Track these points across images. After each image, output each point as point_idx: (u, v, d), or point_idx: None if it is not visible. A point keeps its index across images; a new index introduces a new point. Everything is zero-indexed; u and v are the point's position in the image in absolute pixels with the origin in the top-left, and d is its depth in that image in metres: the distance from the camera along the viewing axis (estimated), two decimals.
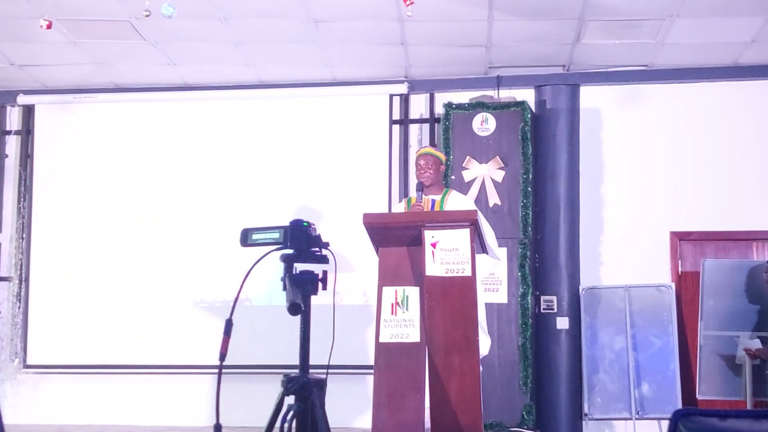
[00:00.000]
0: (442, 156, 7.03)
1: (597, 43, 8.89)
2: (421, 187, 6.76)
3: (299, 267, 4.30)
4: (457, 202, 6.78)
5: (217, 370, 3.89)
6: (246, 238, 4.36)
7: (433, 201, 6.78)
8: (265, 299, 9.35)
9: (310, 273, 4.28)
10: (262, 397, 5.54)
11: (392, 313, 5.44)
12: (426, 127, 9.81)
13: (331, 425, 4.20)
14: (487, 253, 6.19)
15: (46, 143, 10.12)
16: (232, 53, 9.20)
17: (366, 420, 5.69)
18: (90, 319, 9.71)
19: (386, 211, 9.14)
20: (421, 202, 6.65)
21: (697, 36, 8.70)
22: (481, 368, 6.34)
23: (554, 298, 9.07)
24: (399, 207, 7.37)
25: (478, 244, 5.68)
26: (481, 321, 6.50)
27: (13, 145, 10.30)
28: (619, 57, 9.29)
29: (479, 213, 6.73)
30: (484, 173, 9.05)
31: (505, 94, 9.49)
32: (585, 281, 9.21)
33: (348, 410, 8.52)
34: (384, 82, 9.78)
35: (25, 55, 9.33)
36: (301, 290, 4.19)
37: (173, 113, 10.01)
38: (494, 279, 8.71)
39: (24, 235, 9.98)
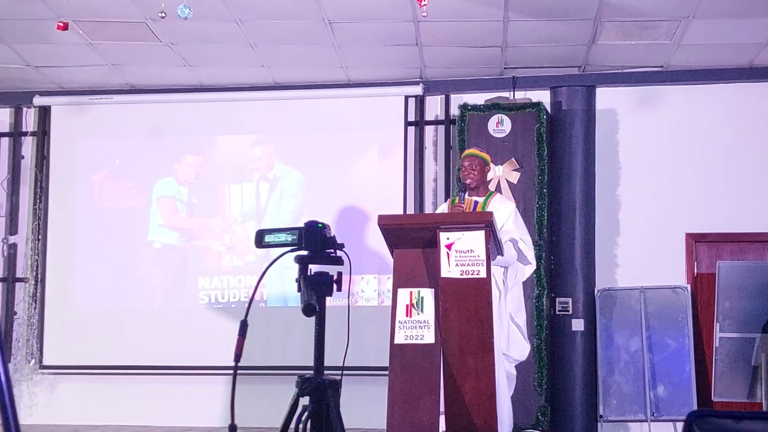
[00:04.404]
0: (488, 157, 6.95)
1: (613, 44, 8.87)
2: (464, 189, 6.72)
3: (314, 268, 4.29)
4: (498, 205, 6.63)
5: (232, 371, 3.89)
6: (261, 239, 4.35)
7: (476, 203, 6.65)
8: (279, 301, 9.36)
9: (325, 274, 4.27)
10: (277, 398, 5.54)
11: (407, 315, 5.45)
12: (441, 128, 9.80)
13: (345, 426, 4.19)
14: (502, 255, 6.16)
15: (62, 144, 10.14)
16: (248, 55, 9.21)
17: (381, 421, 5.69)
18: (105, 320, 9.73)
19: (401, 212, 9.14)
20: (463, 203, 6.59)
21: (713, 37, 8.67)
22: (515, 373, 6.38)
23: (569, 299, 9.06)
24: (443, 207, 7.33)
25: (494, 246, 5.67)
26: (521, 325, 6.48)
27: (29, 146, 10.33)
28: (635, 58, 9.27)
29: (520, 220, 6.71)
30: (500, 175, 9.03)
31: (521, 96, 9.47)
32: (600, 283, 9.20)
33: (363, 411, 8.51)
34: (399, 84, 9.76)
35: (42, 56, 9.36)
36: (316, 291, 4.18)
37: (189, 114, 10.03)
38: None
39: (40, 237, 10.00)
